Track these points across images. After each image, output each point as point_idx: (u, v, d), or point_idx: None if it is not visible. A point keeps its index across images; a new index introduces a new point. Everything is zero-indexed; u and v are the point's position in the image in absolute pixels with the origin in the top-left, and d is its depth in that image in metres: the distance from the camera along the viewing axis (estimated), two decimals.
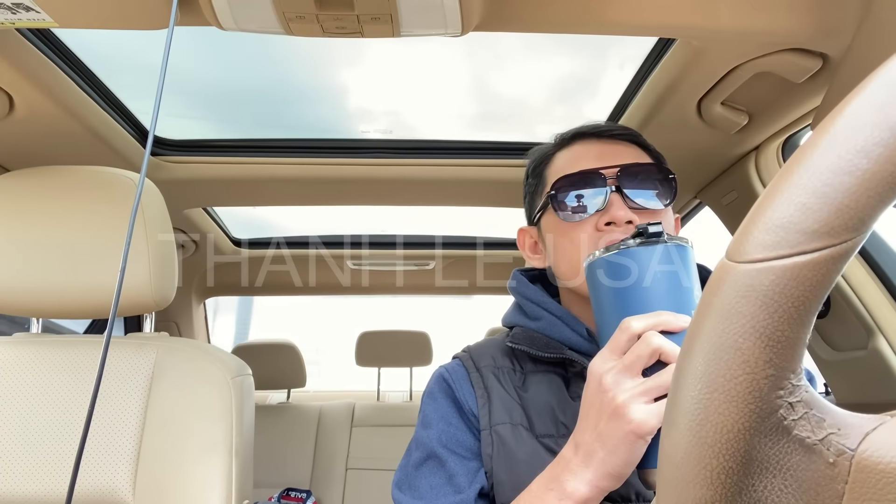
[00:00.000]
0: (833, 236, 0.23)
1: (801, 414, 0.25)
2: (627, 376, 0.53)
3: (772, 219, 0.25)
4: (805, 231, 0.24)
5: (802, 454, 0.25)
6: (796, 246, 0.24)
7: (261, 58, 1.36)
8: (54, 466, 0.86)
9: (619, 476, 0.54)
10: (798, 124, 1.12)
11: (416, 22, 0.74)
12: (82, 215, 0.91)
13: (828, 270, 0.24)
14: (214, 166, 1.40)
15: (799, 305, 0.24)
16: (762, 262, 0.24)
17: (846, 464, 0.24)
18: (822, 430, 0.25)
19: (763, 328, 0.24)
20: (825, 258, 0.23)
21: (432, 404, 0.76)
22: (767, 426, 0.25)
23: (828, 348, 1.28)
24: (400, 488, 0.72)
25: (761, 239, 0.25)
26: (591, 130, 0.80)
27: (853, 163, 0.23)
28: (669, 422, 0.28)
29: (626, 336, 0.54)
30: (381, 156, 1.41)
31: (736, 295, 0.25)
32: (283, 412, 2.36)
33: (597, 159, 0.75)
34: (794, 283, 0.24)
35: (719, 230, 1.43)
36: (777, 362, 0.24)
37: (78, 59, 1.07)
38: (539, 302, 0.78)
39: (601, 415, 0.54)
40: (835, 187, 0.23)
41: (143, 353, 0.93)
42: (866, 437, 0.24)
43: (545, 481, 0.59)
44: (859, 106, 0.24)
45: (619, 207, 0.72)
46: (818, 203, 0.24)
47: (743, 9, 0.79)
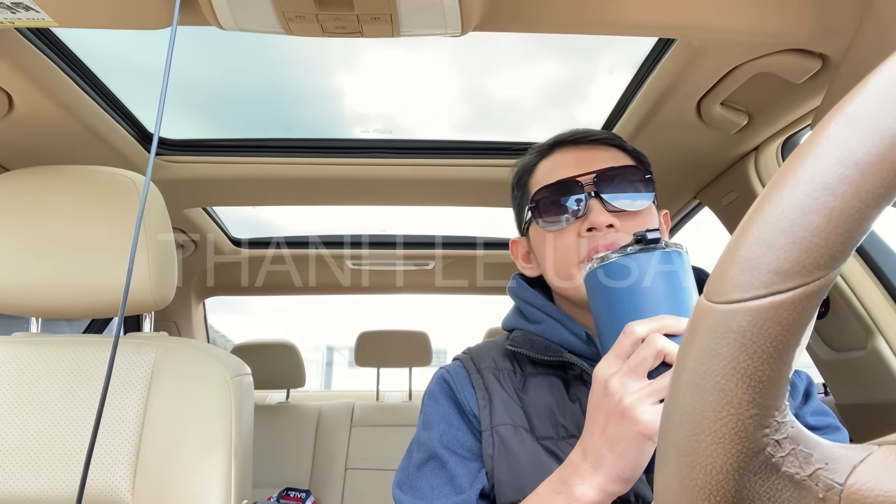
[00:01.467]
0: (805, 275, 0.23)
1: (788, 450, 0.25)
2: (633, 379, 0.53)
3: (745, 259, 0.25)
4: (777, 271, 0.24)
5: (792, 490, 0.25)
6: (769, 286, 0.24)
7: (259, 59, 1.36)
8: (54, 466, 0.86)
9: (628, 480, 0.54)
10: (798, 125, 1.12)
11: (416, 22, 0.74)
12: (81, 215, 0.91)
13: (803, 308, 0.24)
14: (214, 166, 1.40)
15: (777, 344, 0.24)
16: (738, 302, 0.24)
17: (835, 498, 0.24)
18: (810, 465, 0.25)
19: (744, 369, 0.24)
20: (799, 297, 0.23)
21: (433, 405, 0.77)
22: (756, 465, 0.25)
23: (827, 348, 1.28)
24: (401, 488, 0.72)
25: (736, 279, 0.25)
26: (568, 138, 0.81)
27: (820, 200, 0.23)
28: (661, 462, 0.28)
29: (630, 340, 0.54)
30: (381, 156, 1.41)
31: (715, 336, 0.25)
32: (282, 412, 2.36)
33: (574, 166, 0.76)
34: (770, 324, 0.24)
35: (720, 231, 1.43)
36: (760, 401, 0.24)
37: (77, 58, 1.07)
38: (538, 305, 0.78)
39: (609, 418, 0.54)
40: (803, 226, 0.23)
41: (142, 352, 0.93)
42: (854, 470, 0.24)
43: (553, 485, 0.59)
44: (823, 141, 0.24)
45: (598, 213, 0.72)
46: (787, 243, 0.24)
47: (743, 9, 0.79)
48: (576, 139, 0.80)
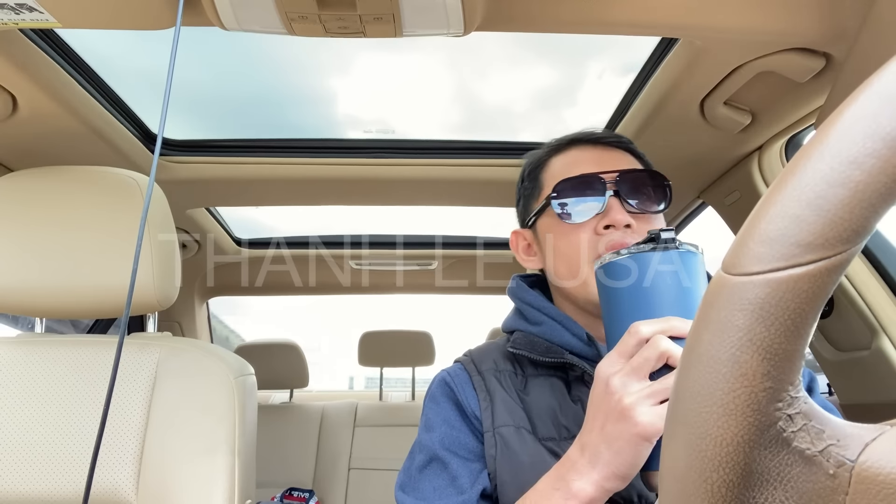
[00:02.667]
0: (827, 248, 0.23)
1: (800, 425, 0.25)
2: (634, 379, 0.53)
3: (766, 231, 0.25)
4: (799, 243, 0.24)
5: (802, 466, 0.25)
6: (790, 259, 0.24)
7: (259, 60, 1.37)
8: (58, 466, 0.86)
9: (625, 477, 0.54)
10: (801, 124, 1.11)
11: (419, 22, 0.74)
12: (85, 215, 0.91)
13: (823, 282, 0.23)
14: (217, 166, 1.40)
15: (795, 318, 0.24)
16: (757, 274, 0.24)
17: (846, 475, 0.23)
18: (822, 441, 0.24)
19: (760, 341, 0.24)
20: (820, 270, 0.23)
21: (434, 407, 0.77)
22: (767, 438, 0.25)
23: (831, 348, 1.28)
24: (404, 490, 0.72)
25: (756, 252, 0.25)
26: (587, 137, 0.82)
27: (846, 174, 0.23)
28: (670, 434, 0.28)
29: (634, 340, 0.54)
30: (382, 156, 1.41)
31: (732, 308, 0.25)
32: (285, 412, 2.36)
33: (595, 164, 0.77)
34: (789, 296, 0.24)
35: (722, 230, 1.43)
36: (775, 375, 0.24)
37: (81, 59, 1.07)
38: (539, 307, 0.78)
39: (608, 416, 0.54)
40: (828, 199, 0.23)
41: (146, 353, 0.93)
42: (866, 447, 0.24)
43: (551, 481, 0.59)
44: (852, 116, 0.24)
45: (618, 211, 0.73)
46: (812, 215, 0.23)
47: (746, 8, 0.79)
48: (595, 139, 0.81)
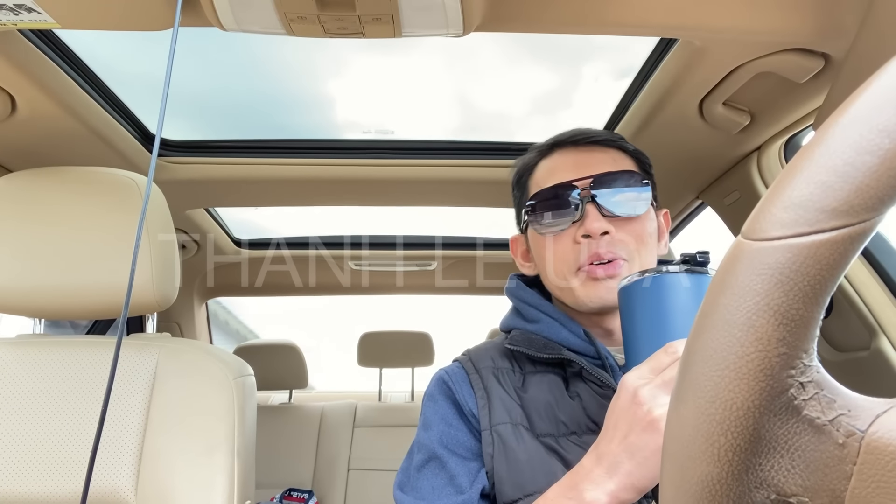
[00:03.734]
0: (852, 215, 0.23)
1: (811, 394, 0.25)
2: (664, 393, 0.53)
3: (790, 197, 0.24)
4: (824, 209, 0.23)
5: (811, 434, 0.24)
6: (814, 224, 0.23)
7: (258, 60, 1.37)
8: (57, 467, 0.86)
9: (641, 490, 0.54)
10: (800, 124, 1.11)
11: (418, 22, 0.74)
12: (84, 216, 0.91)
13: (845, 250, 0.23)
14: (216, 167, 1.40)
15: (815, 284, 0.24)
16: (779, 239, 0.24)
17: (855, 445, 0.23)
18: (833, 410, 0.24)
19: (777, 306, 0.24)
20: (843, 237, 0.23)
21: (432, 406, 0.77)
22: (777, 405, 0.25)
23: (830, 349, 1.28)
24: (402, 489, 0.72)
25: (779, 217, 0.24)
26: (567, 138, 0.81)
27: (875, 142, 0.23)
28: (678, 398, 0.27)
29: (670, 359, 0.54)
30: (381, 156, 1.41)
31: (751, 272, 0.25)
32: (284, 413, 2.36)
33: (572, 169, 0.76)
34: (810, 262, 0.23)
35: (721, 231, 1.43)
36: (790, 341, 0.24)
37: (80, 59, 1.07)
38: (536, 305, 0.78)
39: (633, 427, 0.54)
40: (856, 166, 0.23)
41: (145, 353, 0.93)
42: (877, 419, 0.23)
43: (563, 489, 0.58)
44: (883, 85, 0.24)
45: (594, 219, 0.72)
46: (839, 181, 0.23)
47: (745, 9, 0.79)
48: (575, 140, 0.80)
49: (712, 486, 0.26)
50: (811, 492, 0.24)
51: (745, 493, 0.25)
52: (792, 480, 0.25)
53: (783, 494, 0.25)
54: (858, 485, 0.23)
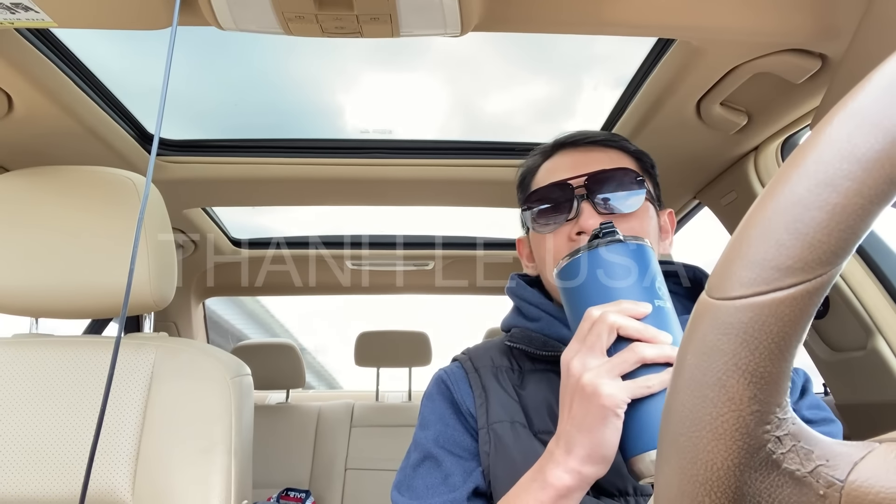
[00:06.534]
0: (807, 272, 0.23)
1: (789, 447, 0.25)
2: (591, 357, 0.54)
3: (747, 255, 0.25)
4: (779, 267, 0.24)
5: (793, 487, 0.25)
6: (772, 283, 0.24)
7: (256, 59, 1.36)
8: (54, 466, 0.86)
9: (600, 459, 0.54)
10: (797, 125, 1.12)
11: (416, 22, 0.74)
12: (81, 215, 0.91)
13: (805, 305, 0.24)
14: (214, 166, 1.40)
15: (779, 341, 0.24)
16: (740, 299, 0.24)
17: (836, 495, 0.23)
18: (811, 461, 0.25)
19: (745, 365, 0.24)
20: (801, 293, 0.23)
21: (430, 405, 0.77)
22: (756, 461, 0.25)
23: (826, 348, 1.28)
24: (399, 490, 0.73)
25: (738, 276, 0.25)
26: (568, 140, 0.82)
27: (822, 197, 0.23)
28: (662, 458, 0.28)
29: (588, 324, 0.56)
30: (381, 156, 1.41)
31: (717, 332, 0.25)
32: (282, 412, 2.36)
33: (570, 169, 0.77)
34: (772, 320, 0.24)
35: (720, 230, 1.43)
36: (762, 398, 0.24)
37: (77, 58, 1.07)
38: (537, 303, 0.79)
39: (574, 399, 0.55)
40: (805, 223, 0.23)
41: (142, 353, 0.93)
42: (855, 466, 0.24)
43: (531, 473, 0.59)
44: (826, 138, 0.24)
45: (588, 216, 0.73)
46: (790, 239, 0.23)
47: (742, 9, 0.79)
48: (575, 141, 0.81)
49: None
50: None
51: None
52: None
53: None
54: None
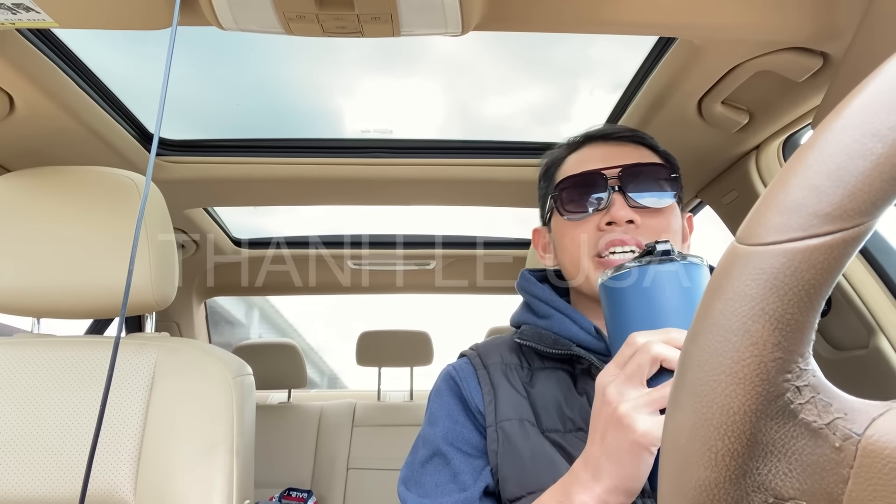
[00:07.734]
0: (845, 220, 0.23)
1: (807, 398, 0.25)
2: (630, 387, 0.53)
3: (784, 201, 0.24)
4: (817, 214, 0.23)
5: (808, 438, 0.24)
6: (808, 229, 0.23)
7: (256, 59, 1.37)
8: (55, 467, 0.86)
9: (629, 491, 0.53)
10: (799, 123, 1.11)
11: (417, 21, 0.74)
12: (83, 215, 0.91)
13: (839, 254, 0.23)
14: (214, 166, 1.40)
15: (809, 289, 0.24)
16: (773, 244, 0.24)
17: (852, 448, 0.23)
18: (829, 414, 0.24)
19: (772, 311, 0.24)
20: (837, 242, 0.23)
21: (439, 402, 0.77)
22: (774, 409, 0.25)
23: (829, 347, 1.28)
24: (406, 485, 0.72)
25: (773, 221, 0.24)
26: (599, 133, 0.82)
27: (868, 146, 0.23)
28: (674, 403, 0.28)
29: (631, 350, 0.53)
30: (381, 156, 1.41)
31: (746, 278, 0.25)
32: (283, 412, 2.36)
33: (602, 161, 0.77)
34: (804, 267, 0.23)
35: (720, 230, 1.43)
36: (786, 345, 0.24)
37: (78, 59, 1.07)
38: (548, 300, 0.78)
39: (607, 426, 0.53)
40: (848, 171, 0.23)
41: (143, 353, 0.93)
42: (873, 422, 0.23)
43: (555, 493, 0.58)
44: (876, 89, 0.24)
45: (619, 207, 0.73)
46: (831, 186, 0.23)
47: (743, 8, 0.79)
48: (605, 135, 0.81)
49: (710, 490, 0.26)
50: (808, 495, 0.24)
51: (742, 497, 0.25)
52: (789, 484, 0.25)
53: (780, 498, 0.25)
54: (855, 488, 0.23)
